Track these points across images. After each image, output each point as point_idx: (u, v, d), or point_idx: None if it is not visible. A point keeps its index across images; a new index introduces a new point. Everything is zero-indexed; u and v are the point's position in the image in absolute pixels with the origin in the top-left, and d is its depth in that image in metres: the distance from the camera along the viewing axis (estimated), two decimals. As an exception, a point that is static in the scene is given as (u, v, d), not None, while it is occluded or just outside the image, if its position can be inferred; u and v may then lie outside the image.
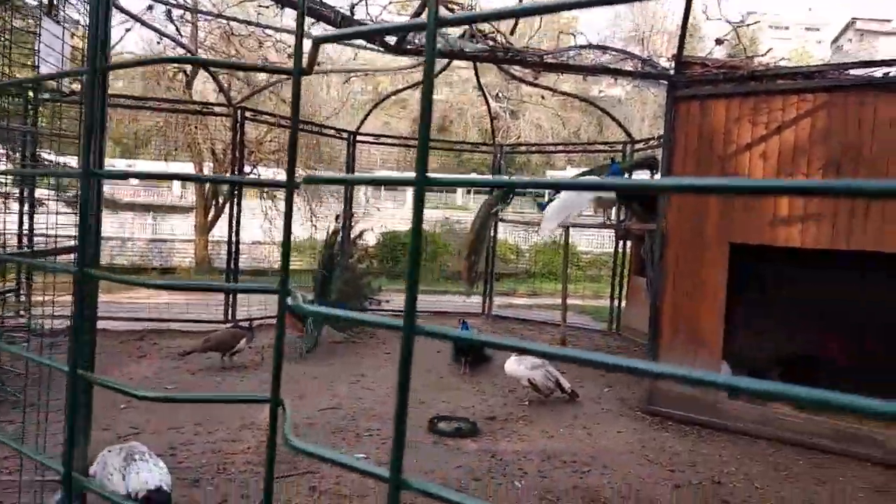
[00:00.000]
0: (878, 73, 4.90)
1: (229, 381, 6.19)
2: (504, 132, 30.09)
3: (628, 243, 9.24)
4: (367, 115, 9.96)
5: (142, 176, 1.14)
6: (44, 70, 3.73)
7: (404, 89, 10.20)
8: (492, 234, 9.91)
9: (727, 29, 5.12)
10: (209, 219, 16.98)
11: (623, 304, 9.26)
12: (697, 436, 5.13)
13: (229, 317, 8.53)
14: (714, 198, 5.29)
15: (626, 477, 4.23)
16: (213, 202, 17.16)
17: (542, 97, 9.25)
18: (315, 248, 16.27)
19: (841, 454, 4.69)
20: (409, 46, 5.22)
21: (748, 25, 5.03)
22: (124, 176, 0.70)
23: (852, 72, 4.99)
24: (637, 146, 9.04)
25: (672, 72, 5.45)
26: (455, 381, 6.57)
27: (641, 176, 8.37)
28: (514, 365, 5.73)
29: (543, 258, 17.53)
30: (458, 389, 6.25)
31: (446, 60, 8.12)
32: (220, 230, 16.96)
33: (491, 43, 5.01)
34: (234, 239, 8.44)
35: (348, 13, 5.08)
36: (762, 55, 5.25)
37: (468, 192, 32.11)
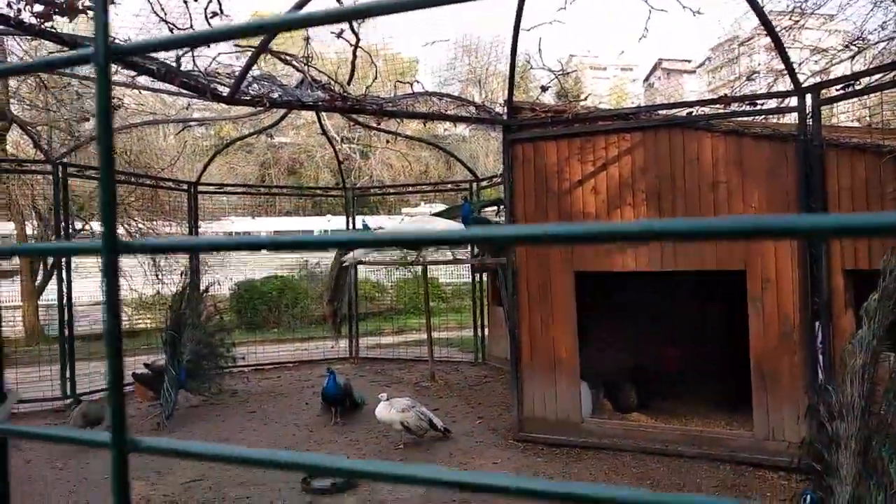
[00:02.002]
0: (683, 112, 5.59)
1: (70, 466, 5.58)
2: (356, 172, 30.23)
3: (485, 275, 9.60)
4: (208, 163, 9.60)
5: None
6: None
7: (247, 136, 9.96)
8: (352, 275, 9.87)
9: (551, 75, 5.63)
10: (37, 282, 15.33)
11: (486, 333, 9.58)
12: (567, 457, 5.40)
13: (67, 392, 7.70)
14: (554, 224, 5.68)
15: (502, 508, 4.35)
16: (41, 263, 15.52)
17: (387, 141, 9.50)
18: (164, 304, 15.24)
19: (695, 457, 5.14)
20: (244, 97, 5.14)
21: (567, 74, 5.54)
22: None
23: (662, 112, 5.64)
24: (482, 184, 9.49)
25: (505, 117, 5.84)
26: (327, 433, 6.41)
27: (490, 212, 8.80)
28: (385, 409, 5.71)
29: (408, 293, 17.69)
30: (330, 442, 6.10)
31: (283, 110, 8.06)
32: (52, 294, 15.35)
33: (330, 92, 5.07)
34: (66, 303, 7.67)
35: (174, 65, 4.91)
36: (584, 99, 5.78)
37: (325, 232, 31.75)
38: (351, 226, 10.08)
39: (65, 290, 7.65)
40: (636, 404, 6.23)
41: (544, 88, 5.73)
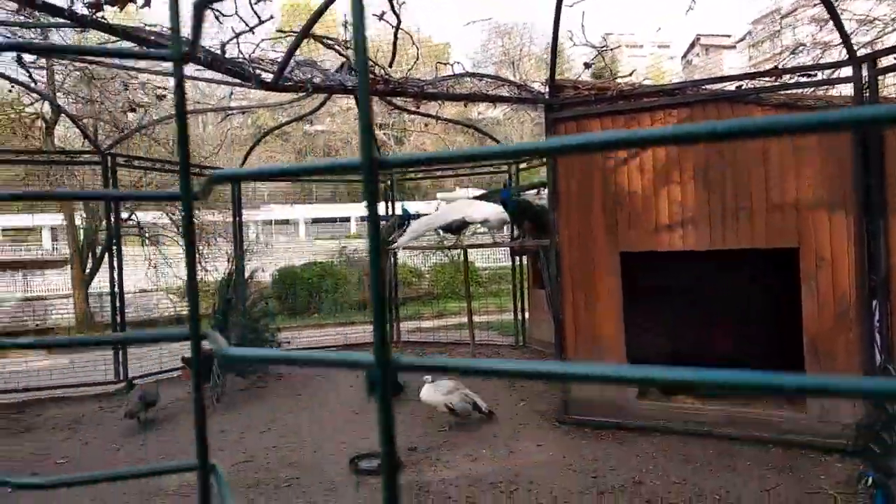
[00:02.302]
0: (731, 86, 5.42)
1: (128, 449, 5.77)
2: (390, 158, 30.25)
3: (524, 258, 9.54)
4: (249, 151, 9.71)
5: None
6: None
7: (286, 123, 10.05)
8: (392, 260, 9.91)
9: (592, 52, 5.50)
10: (87, 271, 15.82)
11: (527, 316, 9.54)
12: (613, 439, 5.36)
13: (121, 376, 7.95)
14: (600, 211, 5.61)
15: (553, 490, 4.34)
16: (90, 253, 16.00)
17: (425, 124, 9.42)
18: (207, 291, 15.59)
19: (744, 439, 5.05)
20: (287, 83, 5.16)
21: (610, 49, 5.42)
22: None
23: (709, 87, 5.48)
24: (521, 166, 9.39)
25: (547, 95, 5.75)
26: (372, 415, 6.48)
27: (531, 195, 8.73)
28: (431, 392, 5.74)
29: (444, 278, 17.73)
30: (375, 424, 6.16)
31: (325, 95, 8.10)
32: (101, 282, 15.86)
33: (371, 76, 5.06)
34: (117, 290, 7.89)
35: (219, 52, 4.95)
36: (629, 74, 5.65)
37: (362, 219, 31.98)
38: (390, 211, 10.10)
39: (116, 278, 7.85)
40: (682, 387, 6.13)
41: (587, 65, 5.62)
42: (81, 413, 7.00)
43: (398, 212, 9.85)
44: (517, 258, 9.61)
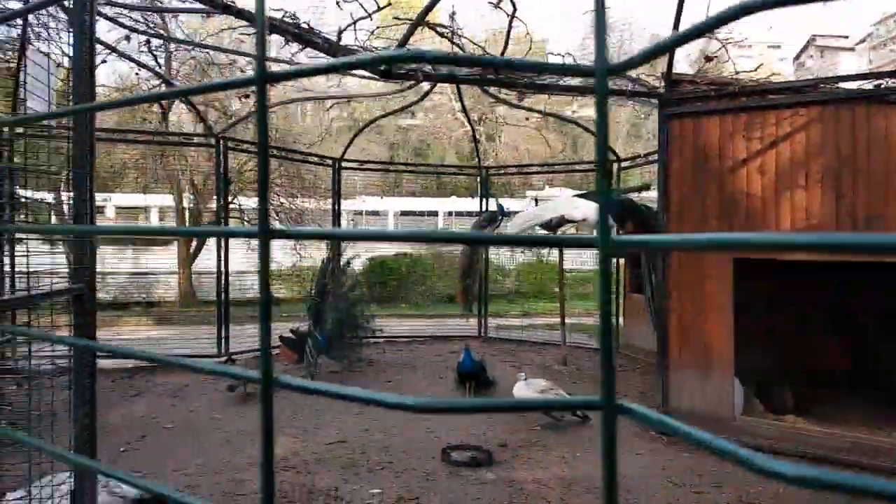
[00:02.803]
0: (868, 85, 5.00)
1: (227, 417, 6.03)
2: (481, 154, 30.36)
3: (620, 261, 9.26)
4: (351, 141, 9.92)
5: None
6: (31, 104, 3.60)
7: (386, 115, 10.19)
8: (483, 255, 9.87)
9: (700, 47, 5.21)
10: (191, 250, 16.75)
11: (620, 321, 9.26)
12: (715, 455, 5.08)
13: (222, 351, 8.34)
14: (715, 214, 5.33)
15: (652, 501, 4.16)
16: (195, 233, 16.93)
17: (526, 118, 9.32)
18: (300, 275, 16.16)
19: (862, 468, 4.66)
20: (399, 72, 5.20)
21: (735, 44, 5.11)
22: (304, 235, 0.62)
23: (842, 85, 5.09)
24: (623, 164, 9.11)
25: (662, 90, 5.51)
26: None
27: (633, 197, 8.45)
28: (523, 389, 5.66)
29: (530, 277, 17.55)
30: (465, 416, 6.15)
31: (428, 86, 8.15)
32: (202, 261, 16.77)
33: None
34: (223, 269, 8.27)
35: (335, 39, 5.05)
36: (752, 71, 5.33)
37: (450, 214, 32.20)
38: (484, 206, 10.07)
39: (222, 257, 8.23)
40: (793, 406, 5.75)
41: (709, 59, 5.33)
42: (185, 382, 7.38)
43: (493, 207, 9.79)
44: (612, 260, 9.33)
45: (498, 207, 9.46)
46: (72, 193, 2.83)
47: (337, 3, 4.21)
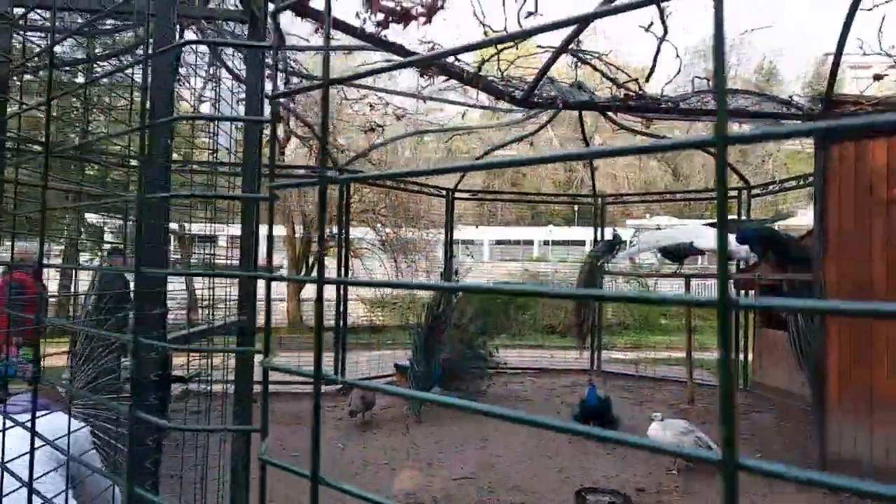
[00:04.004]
0: None
1: (352, 447, 6.04)
2: (578, 183, 29.83)
3: (751, 293, 8.66)
4: (467, 170, 9.90)
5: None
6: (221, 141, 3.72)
7: (502, 146, 10.14)
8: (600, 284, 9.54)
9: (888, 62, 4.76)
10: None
11: (750, 358, 8.65)
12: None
13: (341, 375, 8.45)
14: (880, 243, 4.85)
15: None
16: (304, 262, 17.56)
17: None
18: (403, 304, 16.35)
19: None
20: (537, 100, 5.12)
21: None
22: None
23: None
24: (754, 191, 8.58)
25: (819, 111, 5.11)
26: (590, 444, 6.17)
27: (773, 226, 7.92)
28: (660, 431, 5.31)
29: (636, 309, 16.88)
30: (594, 455, 5.86)
31: (547, 116, 8.02)
32: (308, 290, 17.32)
33: (623, 91, 4.85)
34: (342, 298, 8.42)
35: (474, 70, 5.03)
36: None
37: (545, 243, 31.81)
38: (599, 235, 9.78)
39: (342, 288, 8.38)
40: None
41: (878, 77, 4.90)
42: (301, 409, 7.49)
43: (608, 236, 9.49)
44: (742, 292, 8.76)
45: (614, 237, 9.16)
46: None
47: (485, 32, 4.15)
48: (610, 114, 6.80)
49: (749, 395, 8.33)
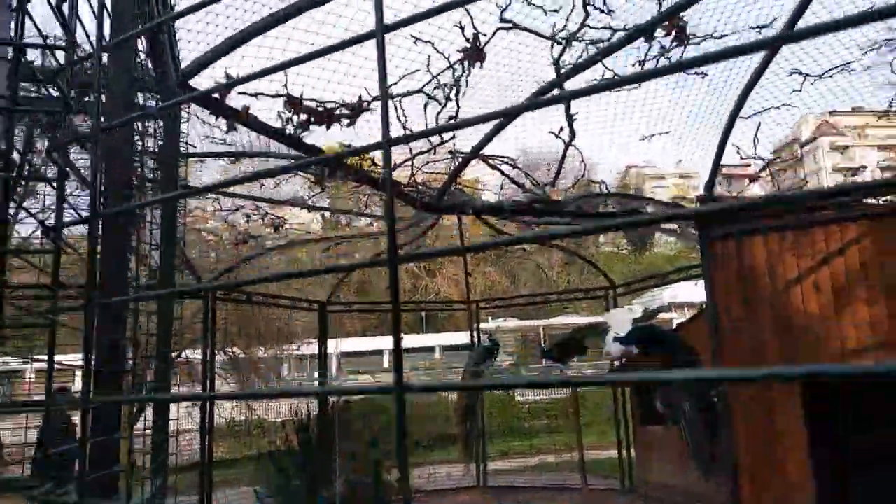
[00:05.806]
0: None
1: None
2: (422, 290, 29.94)
3: (626, 391, 8.80)
4: (339, 283, 9.39)
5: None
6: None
7: (372, 262, 9.74)
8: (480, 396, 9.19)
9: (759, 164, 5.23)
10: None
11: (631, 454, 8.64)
12: None
13: None
14: (771, 336, 5.05)
15: None
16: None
17: (524, 249, 9.18)
18: (254, 430, 14.75)
19: None
20: (445, 205, 4.87)
21: (781, 163, 5.12)
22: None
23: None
24: (618, 290, 8.94)
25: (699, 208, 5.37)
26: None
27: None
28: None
29: (500, 414, 16.70)
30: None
31: (432, 220, 7.79)
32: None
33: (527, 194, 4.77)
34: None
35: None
36: (800, 186, 5.31)
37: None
38: (476, 340, 9.56)
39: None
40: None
41: (753, 179, 5.32)
42: None
43: (484, 341, 9.30)
44: (618, 391, 8.88)
45: (491, 342, 8.99)
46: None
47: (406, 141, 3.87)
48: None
49: (636, 495, 8.24)
